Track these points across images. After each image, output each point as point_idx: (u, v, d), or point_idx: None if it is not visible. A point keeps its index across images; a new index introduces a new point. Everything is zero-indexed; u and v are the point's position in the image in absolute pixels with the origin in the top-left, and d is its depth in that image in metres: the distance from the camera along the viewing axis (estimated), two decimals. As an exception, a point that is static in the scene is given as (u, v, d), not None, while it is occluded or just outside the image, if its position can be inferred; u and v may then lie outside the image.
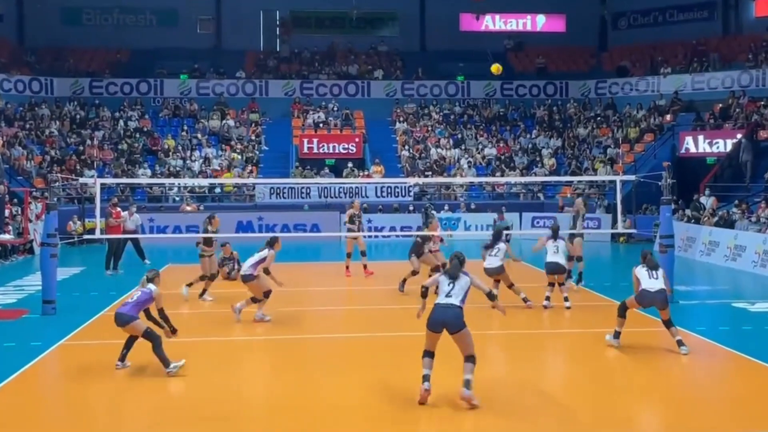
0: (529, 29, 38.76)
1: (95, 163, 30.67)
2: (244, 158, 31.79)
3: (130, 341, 10.10)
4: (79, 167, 29.82)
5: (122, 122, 33.44)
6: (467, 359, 8.46)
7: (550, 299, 14.13)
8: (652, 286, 10.82)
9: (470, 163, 31.97)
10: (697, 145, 29.61)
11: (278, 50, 38.26)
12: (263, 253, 12.83)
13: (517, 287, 14.12)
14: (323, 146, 32.32)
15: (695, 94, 32.91)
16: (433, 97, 36.24)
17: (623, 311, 11.11)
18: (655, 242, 21.56)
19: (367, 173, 30.96)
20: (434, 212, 27.16)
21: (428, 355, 8.58)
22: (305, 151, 32.13)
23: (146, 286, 10.15)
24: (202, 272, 15.07)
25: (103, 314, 13.82)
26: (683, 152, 29.83)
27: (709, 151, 29.20)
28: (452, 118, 35.30)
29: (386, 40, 38.40)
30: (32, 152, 30.19)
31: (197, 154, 31.94)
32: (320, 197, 29.67)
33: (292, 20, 38.29)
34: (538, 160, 32.52)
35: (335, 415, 8.39)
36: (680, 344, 10.75)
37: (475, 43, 37.25)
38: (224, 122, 33.81)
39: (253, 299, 12.89)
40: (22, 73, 34.16)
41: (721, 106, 30.63)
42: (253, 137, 33.48)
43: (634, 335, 11.48)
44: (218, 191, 30.56)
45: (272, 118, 34.86)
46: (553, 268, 14.16)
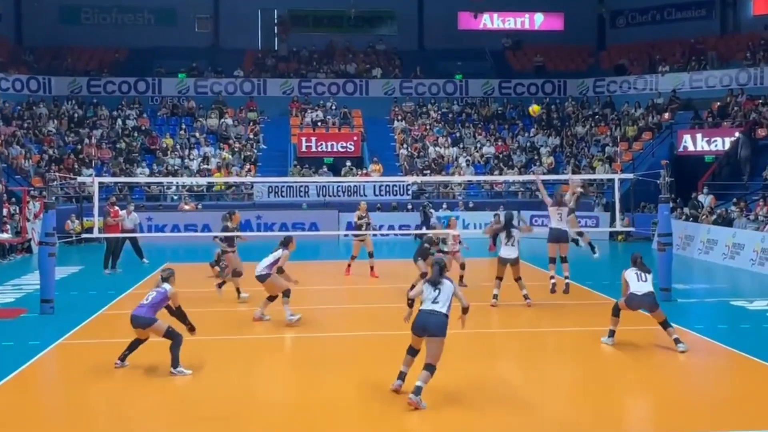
0: (527, 28, 38.80)
1: (93, 162, 30.64)
2: (242, 157, 31.78)
3: (135, 343, 9.99)
4: (77, 166, 29.76)
5: (120, 121, 33.42)
6: (427, 366, 8.43)
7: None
8: (639, 289, 10.83)
9: (468, 161, 31.96)
10: (695, 143, 29.62)
11: (276, 49, 38.22)
12: (277, 253, 12.85)
13: (522, 282, 14.18)
14: (321, 145, 32.31)
15: (693, 92, 32.90)
16: (431, 95, 36.21)
17: (617, 311, 11.14)
18: (653, 240, 21.60)
19: (365, 172, 30.95)
20: (432, 210, 27.23)
21: (411, 352, 8.80)
22: (303, 149, 32.13)
23: (161, 285, 10.01)
24: (228, 269, 15.10)
25: (101, 313, 13.83)
26: (681, 150, 29.84)
27: (707, 149, 29.20)
28: (450, 116, 35.30)
29: (384, 38, 38.37)
30: (30, 151, 30.14)
31: (195, 152, 31.92)
32: (318, 196, 29.67)
33: (290, 19, 38.26)
34: (536, 158, 32.52)
35: (335, 413, 8.39)
36: (677, 342, 10.77)
37: (473, 41, 37.32)
38: (222, 121, 33.79)
39: (269, 298, 12.92)
40: (20, 72, 34.11)
41: (719, 104, 30.65)
42: (251, 136, 33.44)
43: (632, 333, 11.50)
44: (216, 190, 30.55)
45: (270, 116, 34.82)
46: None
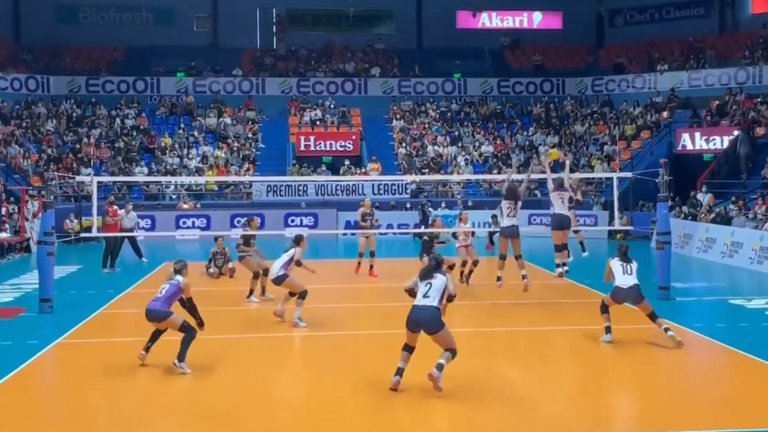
0: (525, 26, 38.84)
1: (92, 161, 30.64)
2: (240, 156, 31.78)
3: (156, 334, 10.07)
4: (75, 165, 29.76)
5: (119, 120, 33.40)
6: (447, 350, 8.76)
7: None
8: (625, 282, 10.88)
9: (467, 160, 31.96)
10: (693, 142, 29.63)
11: (275, 48, 38.21)
12: (290, 252, 12.81)
13: (522, 261, 14.27)
14: (320, 144, 32.31)
15: (692, 91, 32.92)
16: (429, 94, 36.21)
17: (605, 308, 11.19)
18: (652, 239, 21.61)
19: (364, 171, 30.96)
20: (431, 209, 27.23)
21: (407, 349, 8.93)
22: (302, 148, 32.14)
23: (174, 277, 10.09)
24: (252, 272, 15.00)
25: (100, 312, 13.83)
26: (680, 149, 29.85)
27: (705, 147, 29.22)
28: (449, 115, 35.30)
29: (383, 37, 38.38)
30: (29, 150, 30.13)
31: (194, 152, 31.91)
32: (317, 195, 29.69)
33: (288, 18, 38.23)
34: (534, 157, 32.50)
35: (336, 412, 8.39)
36: (667, 330, 10.77)
37: (471, 40, 37.33)
38: (221, 120, 33.78)
39: (290, 293, 12.86)
40: (18, 71, 34.10)
41: (717, 103, 30.67)
42: (249, 135, 33.44)
43: (629, 332, 11.51)
44: (209, 189, 30.56)
45: (269, 115, 34.82)
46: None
